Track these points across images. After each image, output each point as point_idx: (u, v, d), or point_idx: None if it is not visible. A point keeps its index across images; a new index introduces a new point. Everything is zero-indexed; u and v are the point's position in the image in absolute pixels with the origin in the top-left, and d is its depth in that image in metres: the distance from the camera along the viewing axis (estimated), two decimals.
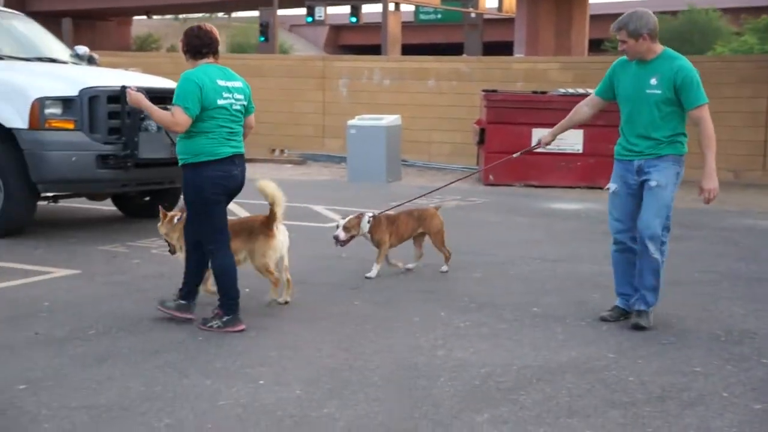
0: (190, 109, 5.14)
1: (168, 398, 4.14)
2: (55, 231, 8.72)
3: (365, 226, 6.63)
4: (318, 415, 3.98)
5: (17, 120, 7.86)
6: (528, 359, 4.84)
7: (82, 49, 9.85)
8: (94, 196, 9.61)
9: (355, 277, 6.77)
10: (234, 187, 5.42)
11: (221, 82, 5.28)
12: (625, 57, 5.51)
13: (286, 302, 5.89)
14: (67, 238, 8.32)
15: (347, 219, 6.62)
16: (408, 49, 33.73)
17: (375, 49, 33.96)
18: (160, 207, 6.13)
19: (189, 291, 5.49)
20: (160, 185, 9.19)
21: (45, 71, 8.68)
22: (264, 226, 5.73)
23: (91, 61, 9.79)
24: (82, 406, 4.01)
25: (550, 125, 6.09)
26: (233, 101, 5.32)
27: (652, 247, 5.33)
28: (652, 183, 5.35)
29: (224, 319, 5.31)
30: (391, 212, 6.99)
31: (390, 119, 14.68)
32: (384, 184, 13.67)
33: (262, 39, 29.03)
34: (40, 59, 9.11)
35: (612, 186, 5.61)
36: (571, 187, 13.67)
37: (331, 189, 13.33)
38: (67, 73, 8.72)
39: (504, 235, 9.29)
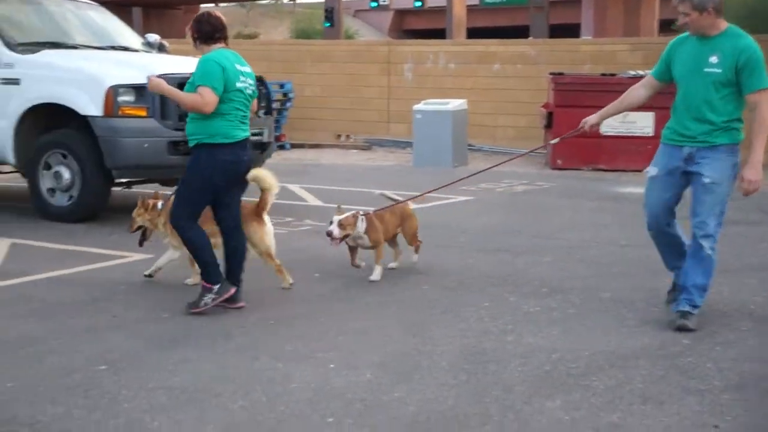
0: (217, 89, 5.18)
1: (241, 381, 4.20)
2: (128, 216, 8.87)
3: (360, 226, 6.12)
4: (388, 399, 3.99)
5: (92, 107, 8.04)
6: (599, 345, 4.77)
7: (153, 37, 10.02)
8: (165, 182, 9.78)
9: (423, 261, 6.75)
10: (241, 172, 5.46)
11: (237, 66, 5.34)
12: (683, 35, 5.22)
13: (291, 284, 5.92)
14: None
15: (344, 216, 6.05)
16: (473, 33, 33.45)
17: (440, 34, 33.76)
18: (140, 196, 6.20)
19: (230, 272, 5.49)
20: None
21: (118, 59, 8.86)
22: (255, 214, 5.72)
23: (161, 48, 9.96)
24: (159, 387, 4.09)
25: None
26: (247, 85, 5.39)
27: (706, 246, 5.01)
28: (706, 180, 4.98)
29: (215, 289, 5.31)
30: (378, 212, 6.47)
31: (456, 103, 14.59)
32: (450, 169, 13.60)
33: (327, 24, 29.10)
34: (113, 48, 9.30)
35: (652, 170, 5.26)
36: (640, 171, 13.40)
37: (397, 174, 13.33)
38: (139, 61, 8.89)
39: (572, 219, 9.17)
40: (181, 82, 8.22)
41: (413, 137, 14.68)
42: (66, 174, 8.31)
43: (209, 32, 5.35)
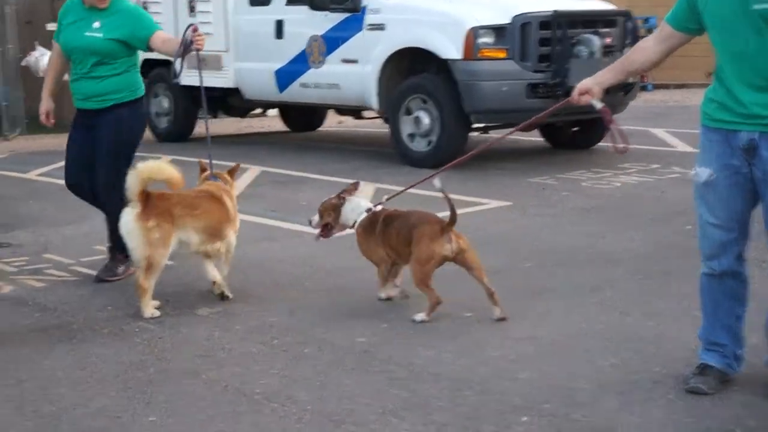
0: None
1: (610, 337, 4.22)
2: (486, 161, 9.18)
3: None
4: None
5: (452, 50, 8.36)
6: None
7: None
8: (522, 128, 9.93)
9: None
10: None
11: None
12: None
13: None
14: (497, 169, 8.76)
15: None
16: None
17: None
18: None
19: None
20: (589, 115, 9.21)
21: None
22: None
23: None
24: (526, 337, 4.24)
25: None
26: None
27: None
28: None
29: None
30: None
31: None
32: None
33: None
34: None
35: (703, 172, 3.51)
36: None
37: None
38: (499, 0, 8.99)
39: None
40: (542, 20, 8.34)
41: None
42: (425, 119, 8.74)
43: None
